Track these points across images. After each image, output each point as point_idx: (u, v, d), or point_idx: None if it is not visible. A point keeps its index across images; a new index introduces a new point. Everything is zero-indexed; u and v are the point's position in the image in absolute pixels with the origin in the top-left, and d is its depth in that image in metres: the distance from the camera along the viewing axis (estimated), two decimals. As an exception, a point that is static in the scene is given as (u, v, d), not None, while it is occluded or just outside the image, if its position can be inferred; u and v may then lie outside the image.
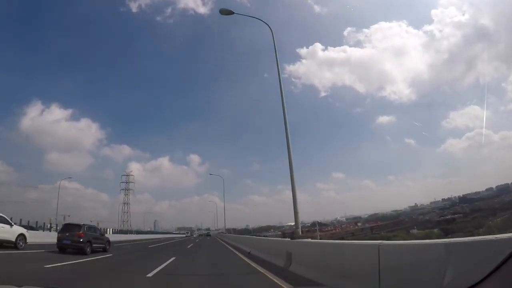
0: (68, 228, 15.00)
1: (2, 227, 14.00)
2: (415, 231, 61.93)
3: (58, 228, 28.67)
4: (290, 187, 12.17)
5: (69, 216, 73.67)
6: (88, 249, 14.37)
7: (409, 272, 3.37)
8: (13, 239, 14.48)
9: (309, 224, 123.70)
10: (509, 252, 1.94)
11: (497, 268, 2.01)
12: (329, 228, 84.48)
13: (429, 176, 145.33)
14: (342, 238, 65.73)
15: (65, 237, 14.23)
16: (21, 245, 14.79)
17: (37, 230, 25.78)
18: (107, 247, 17.04)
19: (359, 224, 76.16)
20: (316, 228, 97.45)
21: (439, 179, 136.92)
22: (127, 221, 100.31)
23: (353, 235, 66.73)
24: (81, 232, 14.47)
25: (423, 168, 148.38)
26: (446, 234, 47.64)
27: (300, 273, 6.98)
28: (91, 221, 78.96)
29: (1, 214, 14.73)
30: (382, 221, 71.99)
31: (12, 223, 15.11)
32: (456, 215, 63.73)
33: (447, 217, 65.28)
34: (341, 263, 5.40)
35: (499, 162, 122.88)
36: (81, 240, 14.14)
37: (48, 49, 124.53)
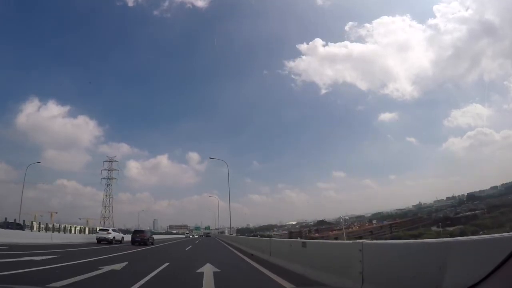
0: (137, 232, 27.74)
1: (119, 233, 28.77)
2: (435, 228, 60.01)
3: (41, 226, 37.11)
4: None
5: (56, 213, 70.84)
6: (147, 243, 25.40)
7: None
8: (120, 239, 27.43)
9: (312, 223, 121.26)
10: (509, 252, 1.92)
11: (497, 268, 2.00)
12: (339, 227, 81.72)
13: (430, 176, 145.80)
14: (360, 237, 63.31)
15: (136, 237, 25.52)
16: (122, 242, 27.04)
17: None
18: (153, 242, 28.03)
19: (374, 221, 73.86)
20: (324, 227, 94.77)
21: (439, 178, 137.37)
22: (108, 217, 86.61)
23: (372, 234, 64.41)
24: (144, 234, 26.89)
25: (424, 167, 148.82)
26: (482, 230, 46.07)
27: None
28: (79, 219, 76.30)
29: (116, 228, 32.48)
30: (401, 219, 69.80)
31: (119, 231, 30.57)
32: (476, 211, 62.29)
33: (466, 213, 63.84)
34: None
35: (500, 161, 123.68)
36: (145, 238, 25.67)
37: (44, 44, 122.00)
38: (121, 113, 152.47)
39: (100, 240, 24.92)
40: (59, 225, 39.48)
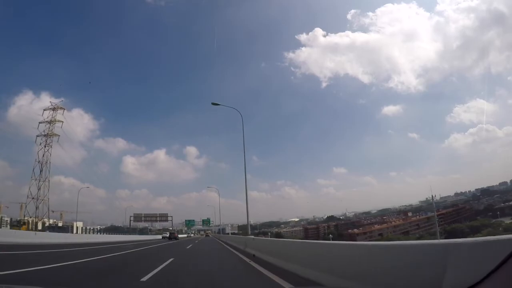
0: (171, 232, 55.10)
1: (168, 234, 56.85)
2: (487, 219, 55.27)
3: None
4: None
5: (25, 204, 64.83)
6: (177, 239, 48.92)
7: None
8: (166, 236, 56.10)
9: (318, 220, 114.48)
10: (509, 252, 1.94)
11: (497, 268, 2.01)
12: (374, 221, 74.85)
13: (430, 173, 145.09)
14: (407, 232, 57.07)
15: (171, 235, 50.68)
16: (167, 239, 49.33)
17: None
18: (178, 238, 52.42)
19: (409, 214, 67.94)
20: (350, 221, 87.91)
21: (439, 176, 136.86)
22: (43, 199, 52.65)
23: (419, 227, 58.42)
24: (175, 233, 55.90)
25: (426, 164, 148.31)
26: None
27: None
28: (52, 212, 68.92)
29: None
30: (444, 209, 64.29)
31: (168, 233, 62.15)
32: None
33: (509, 204, 59.96)
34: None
35: (501, 159, 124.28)
36: (175, 236, 51.70)
37: (39, 37, 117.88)
38: (117, 107, 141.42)
39: (163, 237, 52.09)
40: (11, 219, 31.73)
